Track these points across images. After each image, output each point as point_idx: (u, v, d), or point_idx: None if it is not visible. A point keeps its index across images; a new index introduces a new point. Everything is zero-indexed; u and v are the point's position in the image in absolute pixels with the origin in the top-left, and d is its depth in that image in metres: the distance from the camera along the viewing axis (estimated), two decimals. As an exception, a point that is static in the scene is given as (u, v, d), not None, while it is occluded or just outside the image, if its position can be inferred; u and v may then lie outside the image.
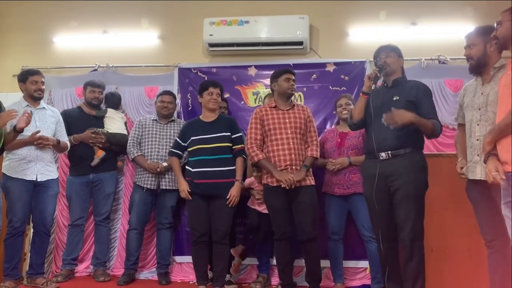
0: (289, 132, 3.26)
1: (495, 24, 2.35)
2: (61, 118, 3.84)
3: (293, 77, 3.36)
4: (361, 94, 3.02)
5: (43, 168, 3.60)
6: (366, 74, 3.03)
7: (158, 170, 3.83)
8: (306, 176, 3.21)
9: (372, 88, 2.95)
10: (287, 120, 3.29)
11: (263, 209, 3.53)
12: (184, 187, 3.39)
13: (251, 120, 3.38)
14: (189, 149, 3.46)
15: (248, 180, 3.66)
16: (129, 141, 3.99)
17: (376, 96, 2.97)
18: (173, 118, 4.09)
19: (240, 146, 3.43)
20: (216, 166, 3.32)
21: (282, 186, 3.13)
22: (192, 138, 3.42)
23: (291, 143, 3.24)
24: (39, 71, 3.80)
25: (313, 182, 3.27)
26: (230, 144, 3.39)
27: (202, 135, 3.39)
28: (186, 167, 3.47)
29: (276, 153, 3.25)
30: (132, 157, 3.93)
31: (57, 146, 3.69)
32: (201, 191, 3.33)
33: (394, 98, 2.91)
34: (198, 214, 3.36)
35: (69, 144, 3.81)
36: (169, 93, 4.13)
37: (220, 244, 3.32)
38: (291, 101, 3.39)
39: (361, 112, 2.99)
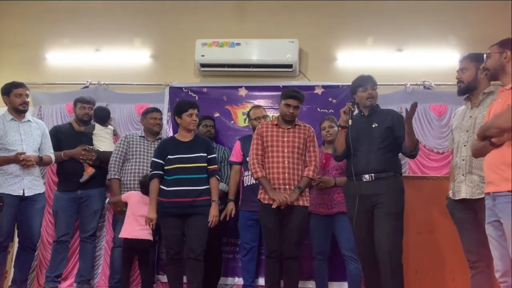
0: (286, 151, 3.29)
1: (484, 56, 2.43)
2: (46, 131, 3.80)
3: (296, 104, 3.29)
4: (339, 129, 3.18)
5: (30, 182, 3.56)
6: (341, 110, 3.15)
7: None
8: (300, 196, 3.23)
9: (350, 122, 3.08)
10: (285, 139, 3.32)
11: None
12: (153, 216, 3.31)
13: (253, 136, 3.43)
14: (165, 167, 3.39)
15: None
16: (112, 157, 3.91)
17: (354, 123, 3.11)
18: (160, 136, 4.10)
19: (214, 166, 3.43)
20: (193, 185, 3.30)
21: (273, 206, 3.15)
22: (168, 156, 3.38)
23: (286, 162, 3.27)
24: (23, 83, 3.69)
25: (306, 204, 3.28)
26: (206, 164, 3.39)
27: (180, 154, 3.37)
28: (161, 186, 3.38)
29: (271, 171, 3.28)
30: (110, 177, 3.86)
31: (40, 163, 3.65)
32: (176, 211, 3.28)
33: (373, 125, 3.11)
34: (172, 233, 3.31)
35: (53, 158, 3.76)
36: (158, 110, 4.13)
37: (196, 260, 3.25)
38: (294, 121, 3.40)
39: (343, 145, 3.14)
